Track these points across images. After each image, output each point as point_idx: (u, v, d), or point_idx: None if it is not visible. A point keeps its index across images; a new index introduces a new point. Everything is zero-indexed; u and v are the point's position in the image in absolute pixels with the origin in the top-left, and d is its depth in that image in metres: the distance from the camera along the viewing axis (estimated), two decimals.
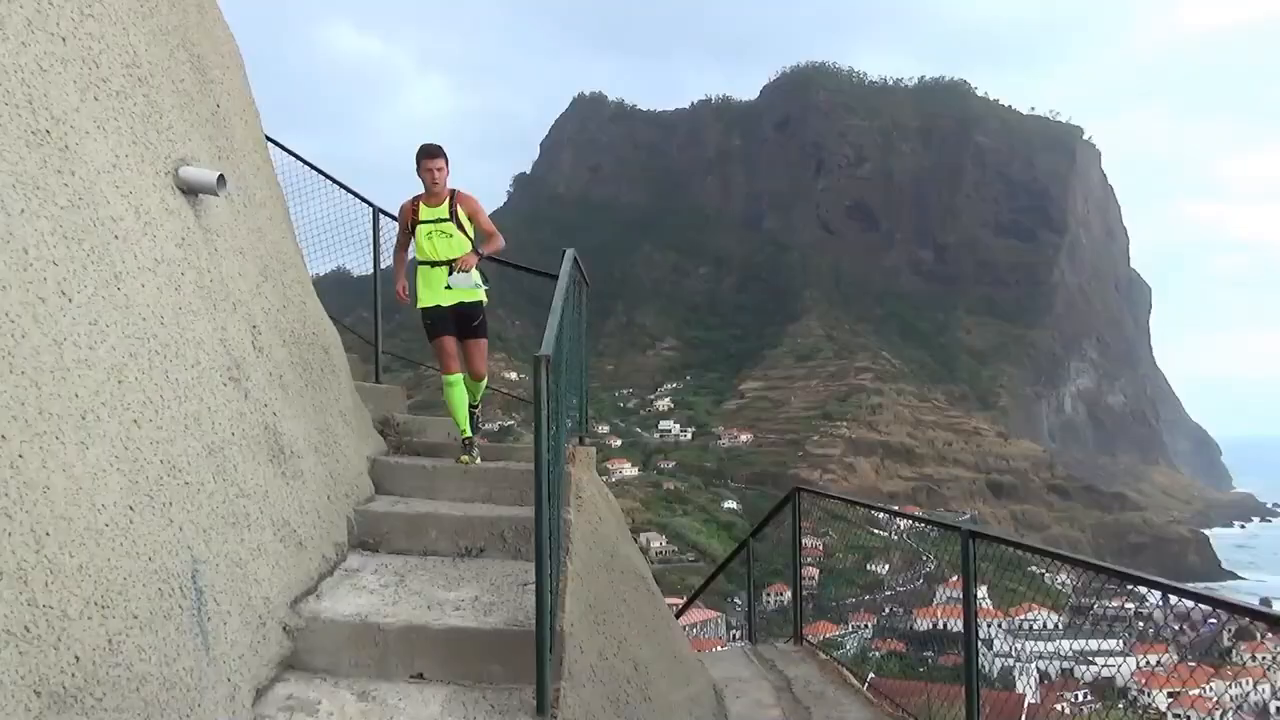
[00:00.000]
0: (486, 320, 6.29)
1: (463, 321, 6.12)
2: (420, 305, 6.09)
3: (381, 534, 4.90)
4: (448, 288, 5.99)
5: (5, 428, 2.37)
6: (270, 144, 5.85)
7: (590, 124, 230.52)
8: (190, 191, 3.83)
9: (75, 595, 2.46)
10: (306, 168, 8.16)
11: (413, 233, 6.06)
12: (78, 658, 2.40)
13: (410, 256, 6.29)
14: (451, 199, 6.04)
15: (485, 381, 6.52)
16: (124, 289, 3.10)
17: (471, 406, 6.36)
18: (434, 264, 6.00)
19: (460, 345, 6.20)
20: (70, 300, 2.78)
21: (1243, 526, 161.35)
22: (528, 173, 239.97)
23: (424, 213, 6.01)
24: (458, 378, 6.19)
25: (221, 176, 3.84)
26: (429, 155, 5.95)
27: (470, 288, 6.01)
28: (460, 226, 6.03)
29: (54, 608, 2.36)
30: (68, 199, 2.89)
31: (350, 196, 8.40)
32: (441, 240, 5.99)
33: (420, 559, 4.80)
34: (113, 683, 2.52)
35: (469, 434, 6.16)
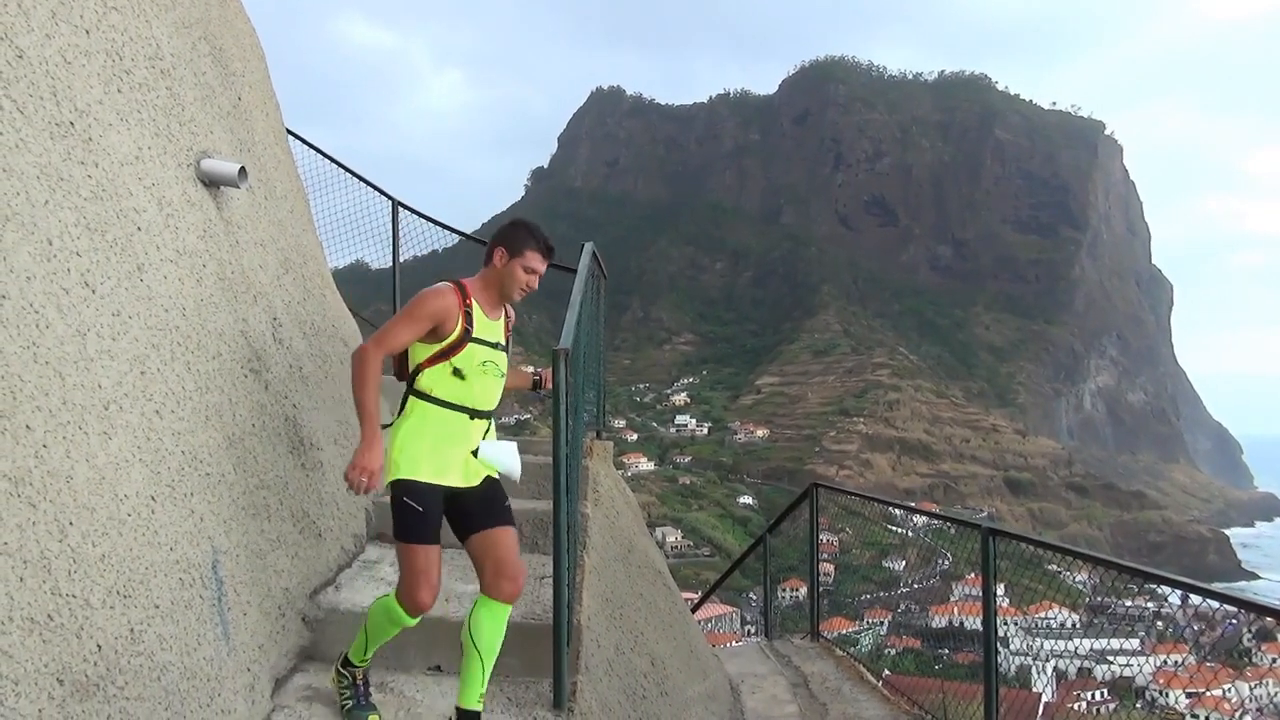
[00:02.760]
0: None
1: (486, 504, 3.44)
2: (414, 476, 3.27)
3: None
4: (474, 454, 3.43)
5: (30, 417, 2.38)
6: (290, 137, 5.86)
7: (608, 118, 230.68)
8: (212, 184, 3.84)
9: (98, 584, 2.48)
10: (326, 161, 8.18)
11: (451, 351, 3.33)
12: (100, 646, 2.42)
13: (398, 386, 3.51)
14: (506, 317, 3.59)
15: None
16: (146, 280, 3.12)
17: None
18: (472, 414, 3.40)
19: (461, 544, 3.47)
20: (94, 291, 2.80)
21: (1254, 526, 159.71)
22: (545, 166, 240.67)
23: (480, 325, 3.40)
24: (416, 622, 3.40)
25: (243, 169, 3.85)
26: (542, 248, 3.51)
27: (514, 467, 3.57)
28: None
29: (77, 596, 2.38)
30: (91, 190, 2.91)
31: (369, 190, 8.41)
32: (493, 380, 3.46)
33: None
34: (134, 671, 2.54)
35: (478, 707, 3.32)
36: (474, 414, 3.41)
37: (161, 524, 2.85)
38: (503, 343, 3.52)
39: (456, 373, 3.33)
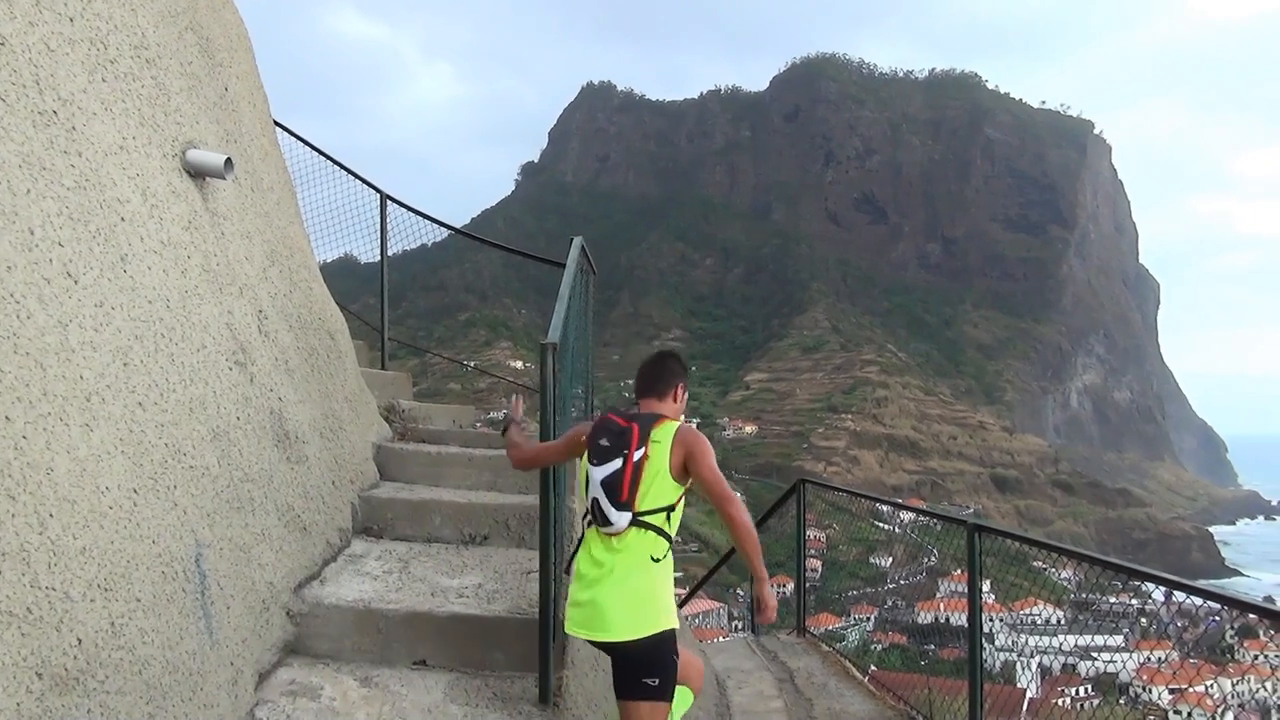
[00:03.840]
0: None
1: None
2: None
3: (385, 520, 4.90)
4: None
5: (9, 409, 2.36)
6: (278, 129, 5.82)
7: (599, 113, 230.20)
8: (197, 174, 3.81)
9: (78, 577, 2.45)
10: (314, 153, 8.13)
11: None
12: (80, 640, 2.40)
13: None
14: None
15: None
16: (130, 271, 3.09)
17: None
18: None
19: None
20: (76, 282, 2.77)
21: (1237, 524, 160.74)
22: (535, 161, 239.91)
23: None
24: None
25: (229, 160, 3.82)
26: None
27: None
28: None
29: (56, 589, 2.36)
30: (74, 180, 2.88)
31: (357, 183, 8.36)
32: None
33: (424, 546, 4.80)
34: (115, 665, 2.52)
35: None
36: None
37: (144, 517, 2.83)
38: None
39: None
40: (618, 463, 3.27)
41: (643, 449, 3.28)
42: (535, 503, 4.06)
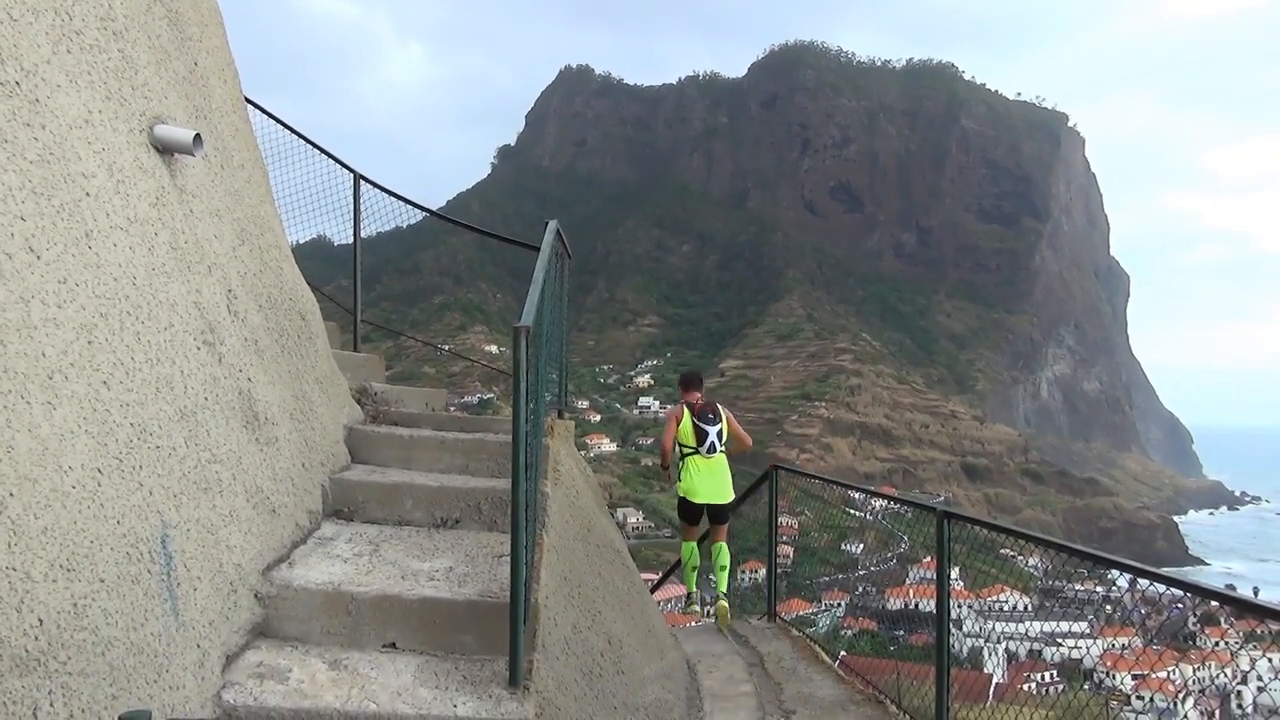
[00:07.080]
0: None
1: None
2: None
3: (356, 503, 4.87)
4: None
5: None
6: (249, 106, 5.73)
7: (576, 97, 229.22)
8: (165, 150, 3.74)
9: (40, 558, 2.41)
10: (286, 132, 8.02)
11: None
12: (41, 620, 2.36)
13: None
14: None
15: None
16: (95, 247, 3.03)
17: None
18: None
19: None
20: (39, 257, 2.71)
21: (1201, 513, 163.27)
22: (512, 145, 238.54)
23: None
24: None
25: (198, 136, 3.76)
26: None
27: None
28: None
29: (17, 570, 2.32)
30: (37, 153, 2.82)
31: (331, 163, 8.25)
32: None
33: (395, 529, 4.78)
34: (78, 646, 2.49)
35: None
36: None
37: (108, 497, 2.79)
38: None
39: None
40: (721, 424, 7.59)
41: (725, 417, 7.65)
42: (507, 487, 4.04)
